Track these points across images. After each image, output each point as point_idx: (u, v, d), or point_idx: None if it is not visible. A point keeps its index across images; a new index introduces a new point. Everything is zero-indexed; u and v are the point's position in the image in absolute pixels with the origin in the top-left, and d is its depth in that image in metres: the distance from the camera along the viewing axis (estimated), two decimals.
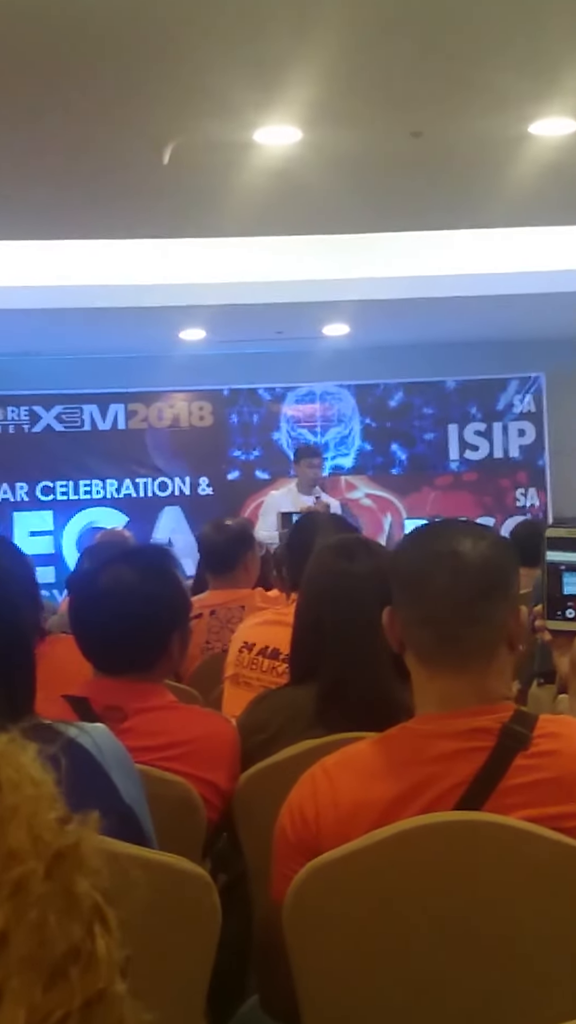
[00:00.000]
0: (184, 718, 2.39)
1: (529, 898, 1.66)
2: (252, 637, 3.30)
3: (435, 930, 1.67)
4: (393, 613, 1.80)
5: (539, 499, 10.29)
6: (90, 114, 4.94)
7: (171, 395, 10.13)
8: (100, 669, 2.37)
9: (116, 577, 2.38)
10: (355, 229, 7.21)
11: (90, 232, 6.99)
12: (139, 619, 2.33)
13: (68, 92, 4.70)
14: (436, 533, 1.85)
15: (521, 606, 1.81)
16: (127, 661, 2.34)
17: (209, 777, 2.31)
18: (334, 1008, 1.71)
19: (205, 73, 4.56)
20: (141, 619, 2.33)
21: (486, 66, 4.61)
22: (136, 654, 2.34)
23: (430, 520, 9.44)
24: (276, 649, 3.19)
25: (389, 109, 5.05)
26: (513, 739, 1.69)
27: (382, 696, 2.24)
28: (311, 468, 8.23)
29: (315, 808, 1.73)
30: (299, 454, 8.49)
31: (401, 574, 1.82)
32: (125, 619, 2.33)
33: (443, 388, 10.29)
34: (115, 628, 2.32)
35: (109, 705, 2.23)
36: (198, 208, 6.37)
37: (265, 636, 3.25)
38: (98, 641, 2.36)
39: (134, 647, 2.34)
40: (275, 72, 4.55)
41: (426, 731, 1.73)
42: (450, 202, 6.52)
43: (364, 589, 2.34)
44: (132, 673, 2.34)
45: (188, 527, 9.71)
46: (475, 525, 1.93)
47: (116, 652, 2.34)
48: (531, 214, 6.81)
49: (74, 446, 9.99)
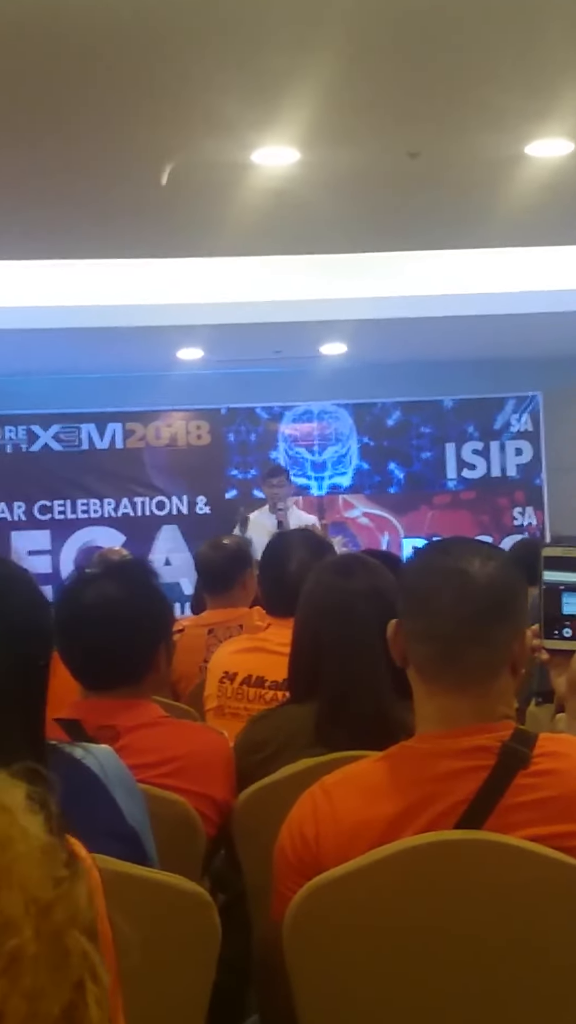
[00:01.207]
0: (176, 733, 2.39)
1: (530, 917, 1.66)
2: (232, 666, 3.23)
3: (436, 949, 1.66)
4: (398, 626, 1.80)
5: (536, 518, 10.30)
6: (88, 134, 4.96)
7: (169, 414, 10.15)
8: (88, 687, 2.36)
9: (100, 592, 2.38)
10: (353, 249, 7.24)
11: (88, 252, 7.01)
12: (124, 631, 2.33)
13: (66, 112, 4.72)
14: (446, 550, 1.85)
15: (527, 629, 1.81)
16: (116, 676, 2.34)
17: (205, 791, 2.31)
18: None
19: (203, 94, 4.58)
20: (126, 631, 2.33)
21: (483, 87, 4.64)
22: (124, 668, 2.34)
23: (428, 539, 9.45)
24: (260, 677, 3.15)
25: (386, 130, 5.08)
26: (513, 758, 1.69)
27: (381, 714, 2.24)
28: (270, 488, 8.27)
29: (315, 827, 1.73)
30: (262, 475, 8.54)
31: (408, 588, 1.83)
32: (110, 632, 2.32)
33: (440, 407, 10.31)
34: (100, 642, 2.32)
35: (101, 725, 2.23)
36: (196, 228, 6.40)
37: (246, 664, 3.20)
38: (86, 658, 2.35)
39: (122, 661, 2.33)
40: (273, 93, 4.58)
41: (426, 750, 1.73)
42: (447, 222, 6.54)
43: (362, 606, 2.35)
44: (121, 689, 2.33)
45: (186, 546, 9.70)
46: (486, 545, 1.92)
47: (104, 667, 2.34)
48: (528, 234, 6.84)
49: (72, 465, 10.00)
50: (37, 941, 0.62)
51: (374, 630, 1.86)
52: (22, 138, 4.97)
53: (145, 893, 1.66)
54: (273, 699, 3.03)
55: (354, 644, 2.33)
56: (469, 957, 1.65)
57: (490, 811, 1.67)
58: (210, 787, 2.33)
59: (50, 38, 4.03)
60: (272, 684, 3.08)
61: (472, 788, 1.68)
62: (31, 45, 4.09)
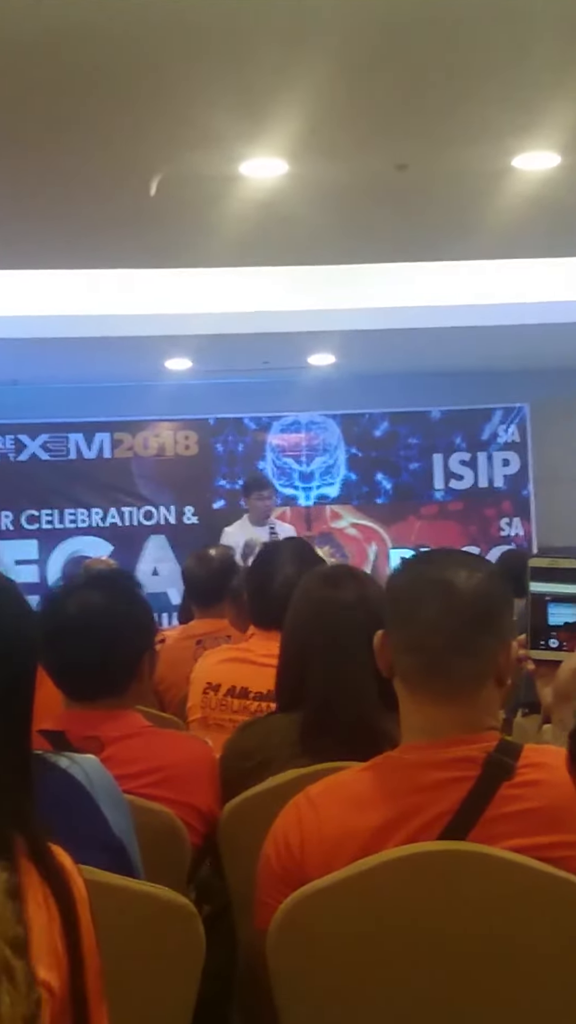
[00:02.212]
0: (161, 743, 2.39)
1: (514, 928, 1.66)
2: (216, 677, 3.22)
3: (420, 960, 1.67)
4: (384, 637, 1.81)
5: (523, 529, 10.32)
6: (77, 146, 4.97)
7: (157, 424, 10.15)
8: (72, 697, 2.36)
9: (83, 602, 2.38)
10: (340, 260, 7.26)
11: (77, 262, 7.01)
12: (108, 641, 2.33)
13: (55, 124, 4.72)
14: (432, 560, 1.86)
15: (512, 640, 1.82)
16: (99, 686, 2.33)
17: (190, 801, 2.31)
18: None
19: (192, 106, 4.59)
20: (110, 641, 2.33)
21: (470, 100, 4.65)
22: (107, 678, 2.34)
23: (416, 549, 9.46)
24: (244, 688, 3.14)
25: (374, 142, 5.10)
26: (498, 769, 1.69)
27: (365, 722, 2.25)
28: (260, 500, 8.28)
29: (300, 837, 1.74)
30: (249, 487, 8.52)
31: (394, 598, 1.83)
32: (94, 642, 2.32)
33: (428, 418, 10.33)
34: (84, 651, 2.32)
35: (85, 736, 2.23)
36: (185, 239, 6.41)
37: (230, 675, 3.18)
38: (68, 666, 2.35)
39: (106, 671, 2.33)
40: (261, 105, 4.59)
41: (411, 760, 1.74)
42: (434, 234, 6.56)
43: (350, 617, 2.35)
44: (105, 699, 2.33)
45: (173, 556, 9.70)
46: (473, 556, 1.93)
47: (87, 678, 2.34)
48: (514, 246, 6.86)
49: (60, 475, 9.99)
50: None
51: (361, 640, 1.86)
52: (11, 150, 4.97)
53: (130, 904, 1.66)
54: (258, 710, 3.02)
55: (340, 653, 2.33)
56: (454, 968, 1.66)
57: (474, 822, 1.67)
58: (195, 797, 2.33)
59: (40, 53, 4.04)
60: (256, 695, 3.08)
61: (456, 799, 1.68)
62: (21, 60, 4.09)
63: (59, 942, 1.14)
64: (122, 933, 1.57)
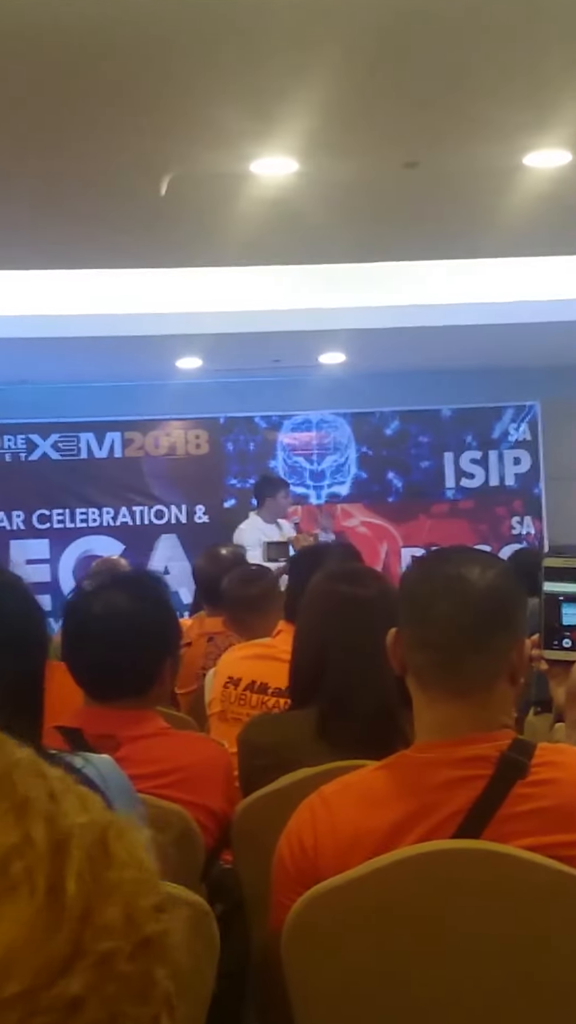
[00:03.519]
0: (177, 744, 2.39)
1: (528, 927, 1.66)
2: (237, 671, 3.25)
3: (434, 959, 1.66)
4: (398, 634, 1.81)
5: (535, 527, 10.30)
6: (88, 145, 4.97)
7: (167, 423, 10.15)
8: (92, 696, 2.36)
9: (108, 602, 2.37)
10: (351, 258, 7.25)
11: (87, 262, 7.01)
12: (132, 644, 2.33)
13: (66, 124, 4.73)
14: (446, 558, 1.86)
15: (526, 639, 1.82)
16: (119, 687, 2.33)
17: (204, 802, 2.31)
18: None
19: (202, 105, 4.60)
20: (134, 644, 2.33)
21: (481, 98, 4.65)
22: (128, 680, 2.34)
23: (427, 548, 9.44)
24: (264, 683, 3.16)
25: (385, 140, 5.09)
26: (512, 768, 1.69)
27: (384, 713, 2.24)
28: (286, 499, 8.37)
29: (313, 836, 1.74)
30: (268, 487, 8.55)
31: (407, 595, 1.83)
32: (117, 644, 2.32)
33: (439, 416, 10.31)
34: (107, 654, 2.32)
35: (102, 734, 2.23)
36: (195, 238, 6.41)
37: (251, 670, 3.21)
38: (90, 667, 2.35)
39: (126, 673, 2.33)
40: (271, 104, 4.59)
41: (424, 759, 1.74)
42: (445, 232, 6.55)
43: (369, 611, 2.35)
44: (124, 700, 2.33)
45: (184, 555, 9.69)
46: (486, 554, 1.93)
47: (108, 678, 2.34)
48: (525, 244, 6.85)
49: (71, 474, 9.99)
50: (129, 962, 0.63)
51: (380, 634, 1.86)
52: (22, 150, 4.98)
53: None
54: (275, 706, 3.04)
55: (361, 648, 2.33)
56: (468, 967, 1.65)
57: (488, 821, 1.67)
58: (209, 799, 2.33)
59: (50, 52, 4.05)
60: (275, 691, 3.09)
61: (470, 798, 1.68)
62: (32, 59, 4.10)
63: None
64: None
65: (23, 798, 0.64)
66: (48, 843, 0.62)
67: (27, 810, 0.63)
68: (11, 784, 0.64)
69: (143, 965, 0.63)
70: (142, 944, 0.63)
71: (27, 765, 0.66)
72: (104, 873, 0.64)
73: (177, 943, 0.66)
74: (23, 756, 0.68)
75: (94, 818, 0.66)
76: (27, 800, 0.64)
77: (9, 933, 0.59)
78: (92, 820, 0.66)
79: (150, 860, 0.68)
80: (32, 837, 0.62)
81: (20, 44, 3.99)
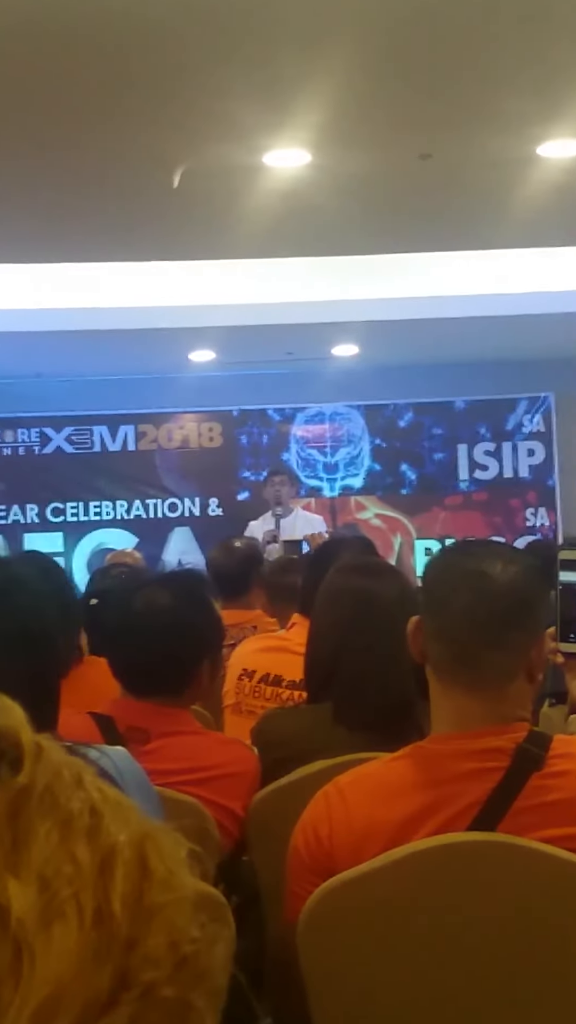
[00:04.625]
0: (207, 745, 2.40)
1: (544, 919, 1.66)
2: (251, 664, 3.25)
3: (449, 950, 1.66)
4: (419, 623, 1.80)
5: (549, 519, 10.28)
6: (100, 138, 4.98)
7: (181, 416, 10.15)
8: (128, 690, 2.38)
9: (150, 599, 2.39)
10: (364, 250, 7.24)
11: (100, 255, 7.02)
12: (170, 643, 2.34)
13: (78, 117, 4.73)
14: (468, 551, 1.85)
15: (546, 635, 1.80)
16: (155, 684, 2.34)
17: (228, 804, 2.31)
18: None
19: (215, 97, 4.59)
20: (172, 643, 2.34)
21: (494, 89, 4.63)
22: (165, 677, 2.35)
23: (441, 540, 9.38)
24: (278, 675, 3.16)
25: (398, 132, 5.08)
26: (527, 760, 1.68)
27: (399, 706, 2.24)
28: (271, 486, 8.25)
29: (329, 828, 1.74)
30: (268, 474, 8.55)
31: (428, 586, 1.83)
32: (156, 641, 2.33)
33: (452, 408, 10.29)
34: (145, 650, 2.33)
35: (134, 726, 2.24)
36: (208, 230, 6.40)
37: (266, 663, 3.21)
38: (128, 662, 2.37)
39: (163, 670, 2.34)
40: (284, 96, 4.58)
41: (440, 751, 1.73)
42: (458, 223, 6.54)
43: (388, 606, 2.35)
44: (160, 696, 2.34)
45: (198, 548, 9.70)
46: (511, 549, 1.91)
47: (145, 674, 2.35)
48: (539, 235, 6.83)
49: (84, 467, 10.01)
50: (169, 986, 0.62)
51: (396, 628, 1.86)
52: (35, 144, 4.99)
53: None
54: (289, 698, 3.04)
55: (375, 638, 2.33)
56: (483, 959, 1.65)
57: (504, 813, 1.67)
58: (234, 801, 2.33)
59: (63, 44, 4.05)
60: (289, 683, 3.09)
61: (486, 790, 1.68)
62: (45, 52, 4.10)
63: None
64: None
65: (67, 815, 0.63)
66: (92, 864, 0.62)
67: (71, 828, 0.62)
68: (53, 798, 0.64)
69: (183, 990, 0.63)
70: (181, 966, 0.63)
71: (67, 775, 0.66)
72: (147, 894, 0.63)
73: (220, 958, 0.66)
74: (62, 763, 0.67)
75: (133, 832, 0.65)
76: (71, 817, 0.63)
77: (60, 965, 0.58)
78: (131, 835, 0.65)
79: (187, 876, 0.68)
80: (78, 859, 0.61)
81: (33, 37, 3.99)
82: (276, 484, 8.26)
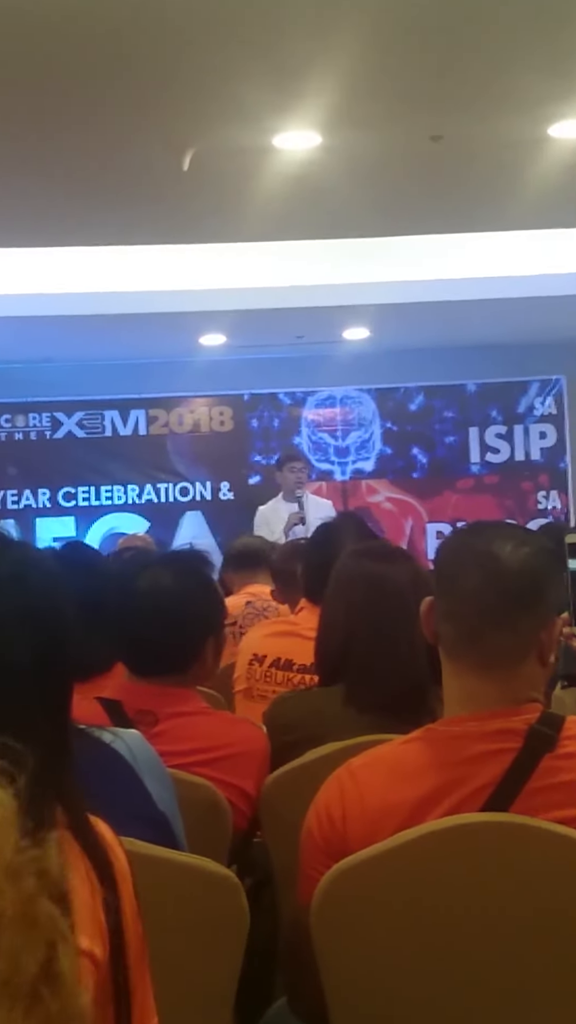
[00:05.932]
0: (216, 724, 2.40)
1: (557, 899, 1.66)
2: (262, 649, 3.26)
3: (462, 931, 1.67)
4: (432, 603, 1.80)
5: (561, 501, 10.26)
6: (110, 121, 4.96)
7: (192, 400, 10.15)
8: (134, 671, 2.38)
9: (154, 579, 2.39)
10: (375, 233, 7.22)
11: (110, 238, 7.01)
12: (174, 622, 2.34)
13: (88, 100, 4.72)
14: (480, 532, 1.84)
15: (558, 618, 1.80)
16: (161, 664, 2.35)
17: (239, 784, 2.31)
18: (362, 1009, 1.71)
19: (224, 79, 4.57)
20: (176, 622, 2.34)
21: (505, 69, 4.61)
22: (170, 657, 2.35)
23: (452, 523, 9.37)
24: (288, 660, 3.17)
25: (408, 113, 5.06)
26: (540, 740, 1.68)
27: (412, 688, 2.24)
28: (292, 472, 8.19)
29: (342, 809, 1.74)
30: (280, 460, 8.52)
31: (439, 567, 1.83)
32: (160, 621, 2.34)
33: (464, 391, 10.27)
34: (150, 630, 2.33)
35: (141, 709, 2.24)
36: (218, 213, 6.39)
37: (276, 647, 3.22)
38: (132, 643, 2.37)
39: (168, 650, 2.35)
40: (294, 77, 4.56)
41: (453, 733, 1.73)
42: (470, 205, 6.51)
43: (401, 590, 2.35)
44: (165, 677, 2.34)
45: (209, 532, 9.72)
46: (523, 530, 1.88)
47: (150, 654, 2.35)
48: (551, 216, 6.80)
49: (95, 452, 10.02)
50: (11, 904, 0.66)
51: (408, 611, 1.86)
52: (45, 127, 4.98)
53: (174, 876, 1.67)
54: (300, 682, 3.05)
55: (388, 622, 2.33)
56: (496, 939, 1.65)
57: (516, 794, 1.67)
58: (244, 781, 2.33)
59: (73, 27, 4.03)
60: (300, 668, 3.10)
61: (499, 771, 1.68)
62: (55, 35, 4.09)
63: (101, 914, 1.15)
64: (166, 905, 1.58)
65: None
66: None
67: None
68: None
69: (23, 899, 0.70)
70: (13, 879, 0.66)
71: None
72: None
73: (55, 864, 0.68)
74: None
75: None
76: None
77: None
78: None
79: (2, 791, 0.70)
80: None
81: (44, 20, 3.98)
82: (298, 471, 8.25)
